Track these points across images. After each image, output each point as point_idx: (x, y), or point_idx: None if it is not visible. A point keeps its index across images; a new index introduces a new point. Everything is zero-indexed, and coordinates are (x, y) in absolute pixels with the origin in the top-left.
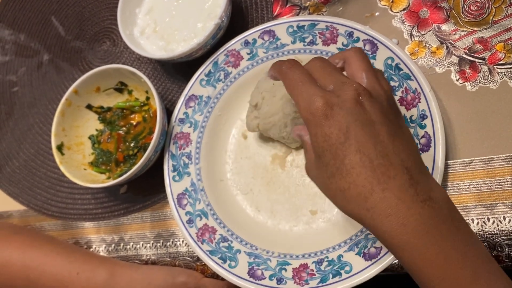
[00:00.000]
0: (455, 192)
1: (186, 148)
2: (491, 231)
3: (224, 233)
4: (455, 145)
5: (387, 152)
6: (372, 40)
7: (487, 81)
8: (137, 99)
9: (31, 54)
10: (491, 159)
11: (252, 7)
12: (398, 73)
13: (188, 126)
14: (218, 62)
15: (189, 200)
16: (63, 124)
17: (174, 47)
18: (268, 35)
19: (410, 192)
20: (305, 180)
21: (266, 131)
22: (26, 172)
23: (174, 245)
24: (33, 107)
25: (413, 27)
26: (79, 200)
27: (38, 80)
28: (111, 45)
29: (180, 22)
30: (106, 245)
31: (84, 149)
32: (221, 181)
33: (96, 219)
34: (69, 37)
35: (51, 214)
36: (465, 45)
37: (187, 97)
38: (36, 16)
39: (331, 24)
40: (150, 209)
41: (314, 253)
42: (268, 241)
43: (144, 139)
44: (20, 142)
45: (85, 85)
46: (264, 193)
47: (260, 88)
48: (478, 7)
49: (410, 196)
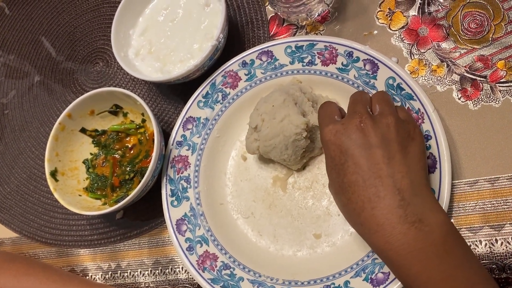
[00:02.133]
0: (461, 212)
1: (185, 172)
2: (500, 252)
3: (226, 260)
4: (460, 165)
5: (380, 174)
6: (373, 60)
7: (490, 99)
8: (133, 121)
9: (21, 75)
10: (497, 178)
11: (248, 27)
12: (400, 93)
13: (186, 148)
14: (215, 83)
15: (188, 226)
16: (56, 149)
17: (171, 69)
18: (266, 55)
19: (398, 212)
20: (308, 202)
21: (266, 153)
22: (18, 198)
23: (173, 272)
24: (24, 130)
25: (412, 45)
26: (74, 226)
27: (29, 103)
28: (104, 66)
29: (176, 42)
30: (103, 272)
31: (78, 174)
32: (221, 205)
33: (91, 245)
34: (60, 58)
35: (45, 241)
36: (466, 63)
37: (184, 119)
38: (26, 37)
39: (330, 44)
40: (147, 235)
41: (320, 279)
42: (272, 267)
43: (141, 162)
44: (11, 167)
45: (79, 109)
46: (265, 216)
47: (259, 110)
48: (477, 25)
49: (398, 216)
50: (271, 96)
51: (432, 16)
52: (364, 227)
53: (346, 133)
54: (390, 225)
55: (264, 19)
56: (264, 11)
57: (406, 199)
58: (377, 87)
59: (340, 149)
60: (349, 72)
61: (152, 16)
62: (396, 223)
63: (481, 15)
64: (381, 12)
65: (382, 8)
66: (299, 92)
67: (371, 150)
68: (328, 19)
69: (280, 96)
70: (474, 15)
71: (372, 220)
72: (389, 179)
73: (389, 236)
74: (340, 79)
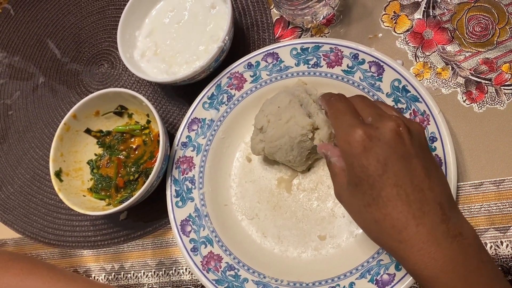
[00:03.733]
0: (467, 215)
1: (189, 173)
2: (505, 255)
3: (231, 261)
4: (465, 167)
5: (422, 187)
6: (378, 62)
7: (494, 102)
8: (138, 122)
9: (26, 77)
10: (502, 180)
11: (253, 29)
12: (405, 95)
13: (191, 149)
14: (221, 84)
15: (193, 227)
16: (61, 149)
17: (176, 70)
18: (272, 57)
19: (441, 228)
20: (313, 204)
21: (271, 155)
22: (22, 199)
23: (177, 273)
24: (28, 131)
25: (417, 48)
26: (77, 227)
27: (33, 104)
28: (109, 67)
29: (181, 44)
30: (106, 273)
31: (83, 174)
32: (226, 206)
33: (95, 246)
34: (65, 60)
35: (48, 242)
36: (471, 66)
37: (189, 120)
38: (31, 39)
39: (335, 46)
40: (151, 236)
41: (325, 281)
42: (276, 268)
43: (145, 163)
44: (15, 167)
45: (84, 109)
46: (270, 218)
47: (265, 111)
48: (482, 28)
49: (442, 232)
50: (277, 97)
51: (437, 19)
52: (405, 245)
53: (384, 139)
54: (436, 241)
55: (269, 22)
56: (269, 13)
57: (446, 213)
58: (382, 89)
59: (378, 158)
60: (354, 74)
61: (158, 18)
62: (442, 239)
63: (486, 18)
64: (386, 15)
65: (387, 11)
66: (304, 93)
67: (411, 160)
68: (333, 22)
69: (285, 98)
70: (478, 19)
71: (417, 237)
72: (431, 192)
73: (434, 252)
74: (345, 81)
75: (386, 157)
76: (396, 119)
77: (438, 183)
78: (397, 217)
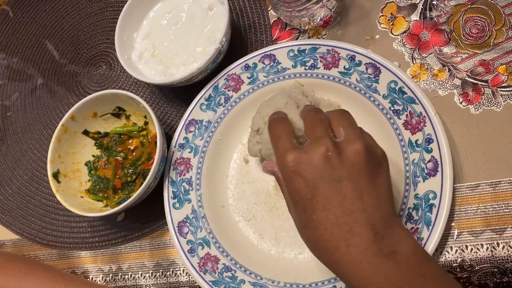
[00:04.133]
0: (463, 216)
1: (187, 174)
2: (502, 256)
3: (228, 262)
4: (461, 169)
5: (353, 209)
6: (375, 63)
7: (491, 104)
8: (135, 124)
9: (24, 78)
10: (498, 182)
11: (251, 31)
12: (402, 97)
13: (189, 151)
14: (218, 86)
15: (190, 228)
16: (59, 150)
17: (174, 72)
18: (269, 59)
19: (373, 247)
20: None
21: (268, 156)
22: (20, 200)
23: (174, 274)
24: (26, 132)
25: (414, 50)
26: (75, 228)
27: (32, 105)
28: (108, 69)
29: (179, 46)
30: (104, 275)
31: (80, 176)
32: (223, 207)
33: (93, 248)
34: (64, 61)
35: (46, 243)
36: (467, 68)
37: (187, 121)
38: (29, 40)
39: (332, 48)
40: (148, 237)
41: (322, 282)
42: (273, 270)
43: (143, 164)
44: (13, 169)
45: (82, 111)
46: (267, 219)
47: (261, 112)
48: (478, 30)
49: (373, 251)
50: (274, 99)
51: (433, 21)
52: (339, 265)
53: (312, 164)
54: (366, 261)
55: (266, 23)
56: (267, 15)
57: (379, 233)
58: (379, 91)
59: (307, 182)
60: (351, 76)
61: (156, 19)
62: (373, 258)
63: (483, 20)
64: (383, 17)
65: (384, 13)
66: (301, 95)
67: (341, 183)
68: (331, 23)
69: (282, 99)
70: (475, 20)
71: (349, 258)
72: (363, 214)
73: (366, 271)
74: (342, 83)
75: (314, 181)
76: (326, 143)
77: (373, 203)
78: (328, 239)
